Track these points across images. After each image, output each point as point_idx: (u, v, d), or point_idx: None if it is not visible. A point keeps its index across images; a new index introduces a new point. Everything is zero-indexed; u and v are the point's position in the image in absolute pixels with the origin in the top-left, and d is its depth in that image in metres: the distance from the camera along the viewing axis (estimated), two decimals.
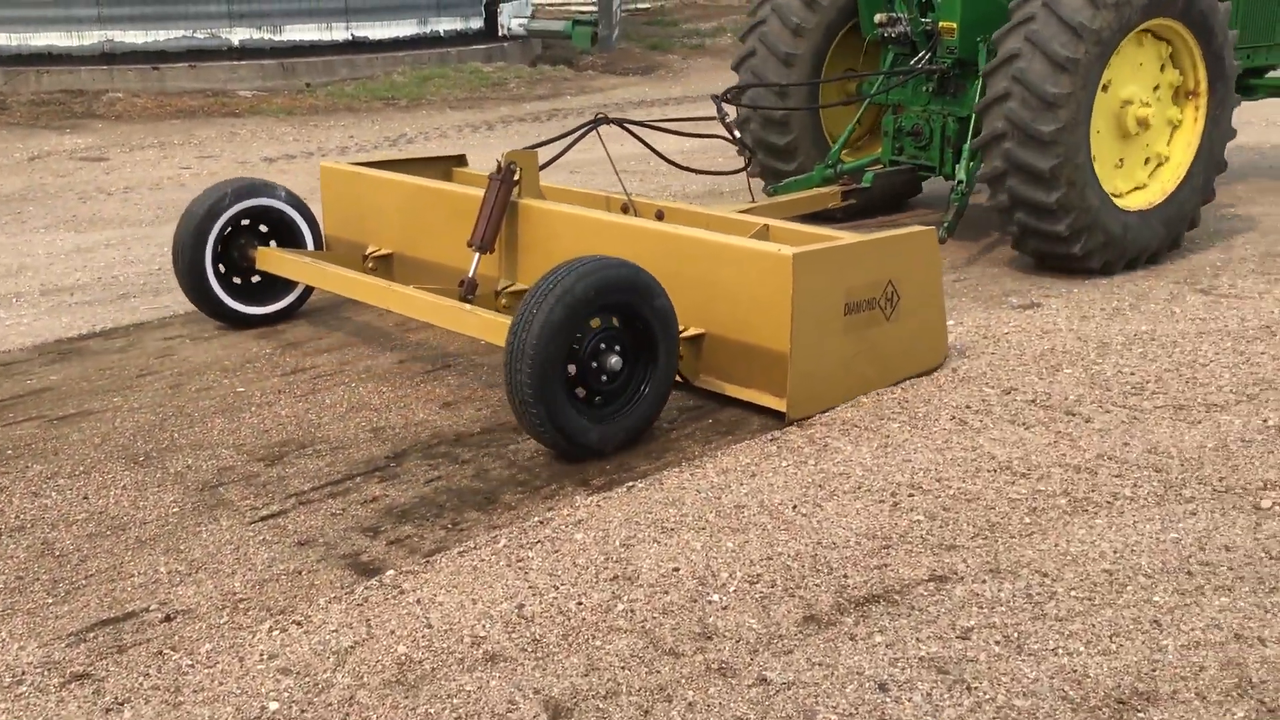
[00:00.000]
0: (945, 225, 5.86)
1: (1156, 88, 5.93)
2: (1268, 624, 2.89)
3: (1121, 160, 5.92)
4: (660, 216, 5.04)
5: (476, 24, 14.25)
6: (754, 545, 3.33)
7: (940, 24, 6.15)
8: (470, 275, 4.65)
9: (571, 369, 3.92)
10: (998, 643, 2.85)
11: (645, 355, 4.05)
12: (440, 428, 4.24)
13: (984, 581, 3.12)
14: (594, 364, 3.95)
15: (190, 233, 5.11)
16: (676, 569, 3.22)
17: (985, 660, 2.79)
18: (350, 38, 13.21)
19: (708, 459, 3.91)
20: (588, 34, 13.98)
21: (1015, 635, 2.87)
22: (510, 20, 14.39)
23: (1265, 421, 4.05)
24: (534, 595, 3.10)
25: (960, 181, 6.03)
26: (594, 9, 14.54)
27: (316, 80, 12.70)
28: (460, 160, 6.14)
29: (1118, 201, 5.83)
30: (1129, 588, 3.07)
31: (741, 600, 3.06)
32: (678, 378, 4.24)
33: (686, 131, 5.75)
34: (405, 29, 13.54)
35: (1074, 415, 4.16)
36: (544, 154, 5.09)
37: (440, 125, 10.98)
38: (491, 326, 4.24)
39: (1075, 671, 2.73)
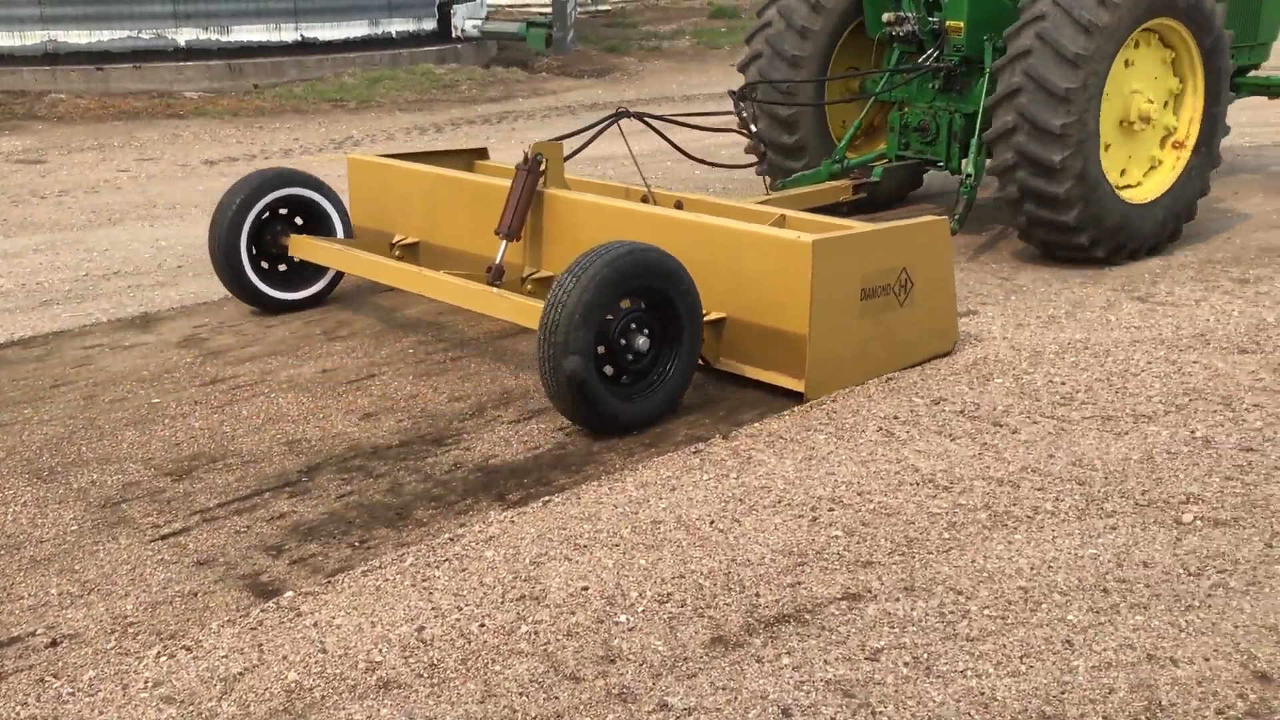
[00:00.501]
0: (955, 218, 5.98)
1: (1157, 85, 6.16)
2: (1181, 644, 2.83)
3: (1126, 154, 6.14)
4: (679, 207, 5.18)
5: (430, 25, 14.12)
6: (667, 563, 3.26)
7: (947, 23, 6.34)
8: (498, 262, 4.86)
9: (601, 349, 4.07)
10: (906, 664, 2.78)
11: (671, 337, 4.21)
12: (358, 440, 4.14)
13: (897, 600, 3.05)
14: (623, 344, 4.11)
15: (226, 220, 5.24)
16: (585, 588, 3.13)
17: (893, 683, 2.72)
18: (300, 39, 13.05)
19: (628, 472, 3.83)
20: (542, 36, 13.88)
21: (925, 656, 2.81)
22: (464, 22, 14.27)
23: (1193, 433, 4.01)
24: (436, 617, 3.00)
25: (969, 175, 6.17)
26: (549, 11, 14.44)
27: (264, 81, 12.54)
28: (482, 153, 6.40)
29: (1122, 194, 6.04)
30: (1043, 606, 3.01)
31: (649, 621, 2.98)
32: (700, 360, 4.38)
33: (704, 126, 5.98)
34: (356, 30, 13.39)
35: (1001, 426, 4.11)
36: (566, 146, 5.23)
37: (388, 128, 10.85)
38: (523, 310, 4.42)
39: (983, 694, 2.67)
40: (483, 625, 2.97)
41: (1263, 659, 2.76)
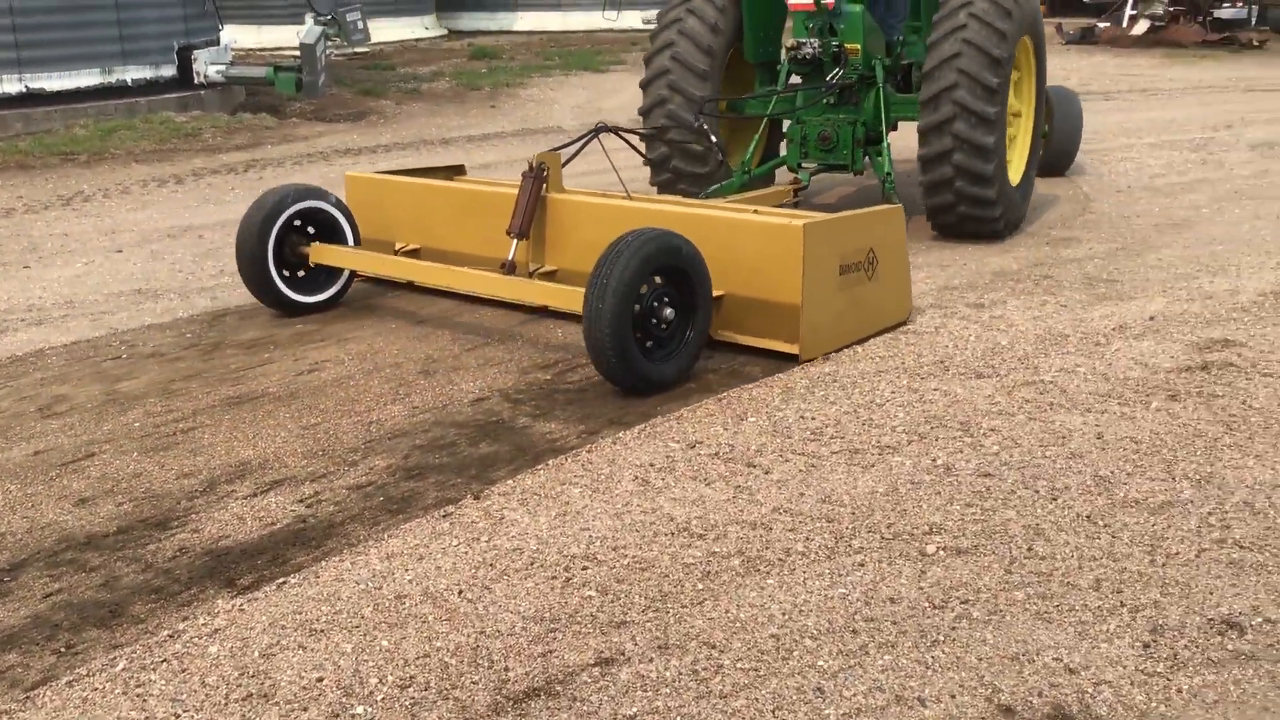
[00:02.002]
0: None
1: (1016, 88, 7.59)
2: (929, 681, 2.83)
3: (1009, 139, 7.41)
4: None
5: (169, 72, 13.43)
6: (411, 642, 3.06)
7: (846, 45, 7.40)
8: (510, 258, 5.54)
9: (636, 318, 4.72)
10: None
11: (688, 310, 4.89)
12: (70, 530, 3.77)
13: (651, 660, 2.96)
14: (653, 316, 4.77)
15: (254, 232, 5.75)
16: (320, 679, 2.90)
17: None
18: (24, 90, 12.18)
19: (373, 544, 3.61)
20: (292, 80, 13.41)
21: None
22: (207, 67, 13.64)
23: (934, 461, 4.10)
24: None
25: (888, 174, 7.25)
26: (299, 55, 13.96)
27: None
28: (460, 170, 7.13)
29: (1011, 176, 7.37)
30: (795, 653, 2.97)
31: (389, 710, 2.78)
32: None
33: (674, 140, 7.42)
34: (87, 79, 12.60)
35: (754, 467, 4.10)
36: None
37: (123, 180, 10.23)
38: (563, 294, 5.17)
39: None
40: None
41: (1006, 691, 2.79)
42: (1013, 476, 3.96)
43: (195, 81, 13.58)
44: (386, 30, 22.95)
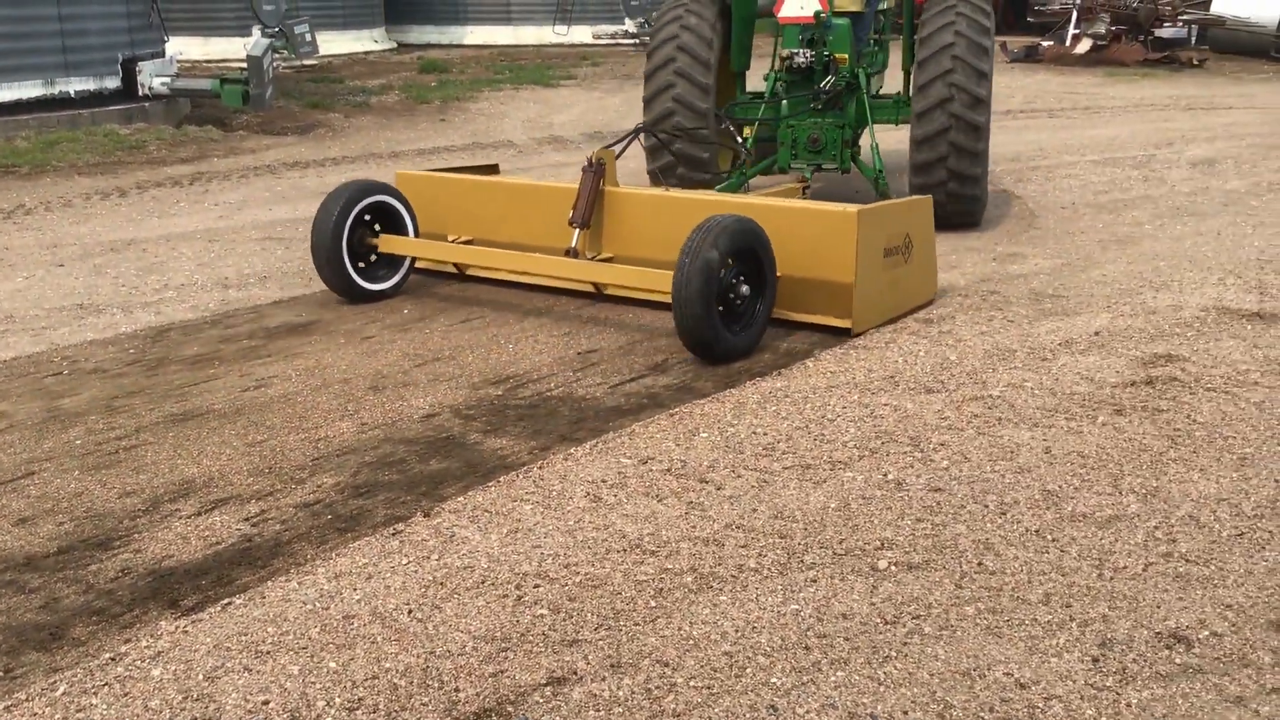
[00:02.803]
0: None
1: None
2: (881, 698, 2.84)
3: None
4: None
5: (113, 84, 13.24)
6: (359, 663, 3.02)
7: (836, 55, 8.12)
8: (573, 245, 6.11)
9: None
10: None
11: (759, 285, 5.47)
12: (9, 551, 3.68)
13: (604, 680, 2.93)
14: (731, 292, 5.32)
15: (330, 225, 6.23)
16: (266, 701, 2.85)
17: None
18: None
19: (320, 563, 3.56)
20: (238, 93, 13.27)
21: None
22: (152, 79, 13.46)
23: (885, 476, 4.11)
24: None
25: (880, 171, 8.00)
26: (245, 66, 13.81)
27: None
28: (494, 169, 7.65)
29: None
30: (748, 670, 2.96)
31: None
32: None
33: (708, 139, 8.18)
34: (28, 90, 12.38)
35: (706, 483, 4.09)
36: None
37: (65, 193, 10.06)
38: (648, 276, 5.66)
39: None
40: None
41: (958, 707, 2.80)
42: (962, 491, 3.98)
43: (140, 93, 13.40)
44: (335, 43, 22.80)
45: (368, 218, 6.43)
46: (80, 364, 5.57)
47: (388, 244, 6.48)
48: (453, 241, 6.82)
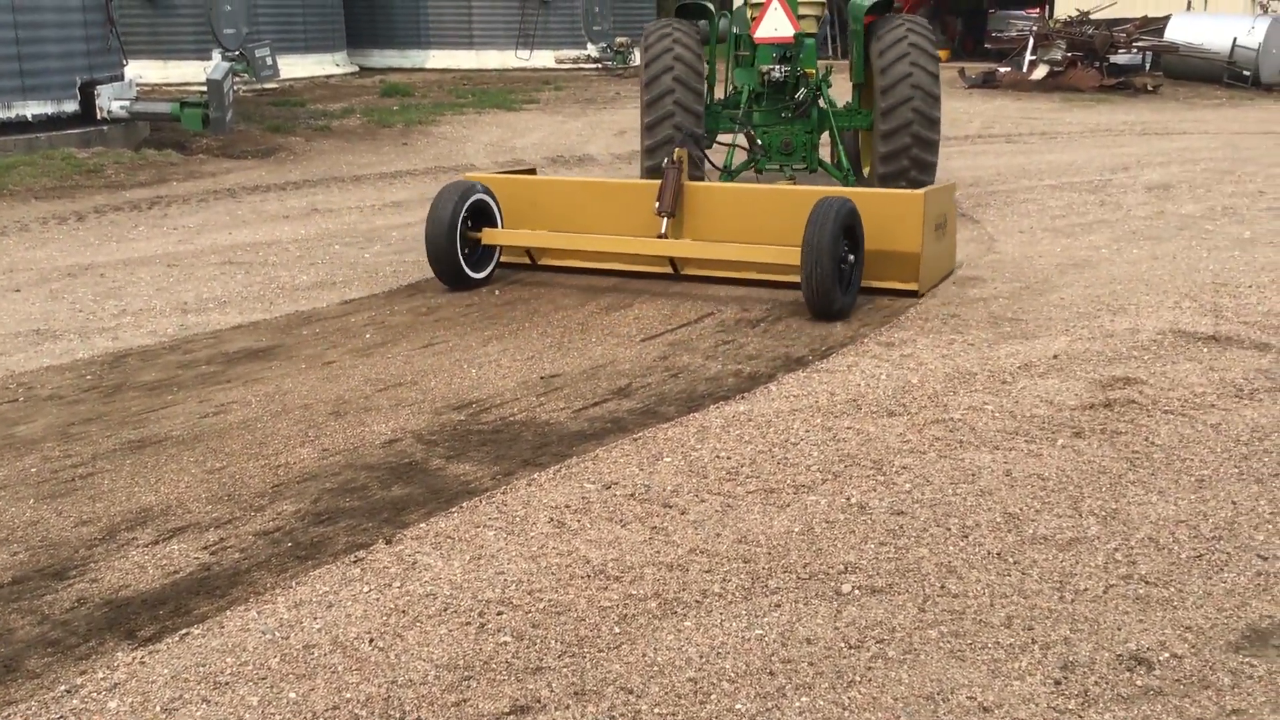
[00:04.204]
0: None
1: None
2: None
3: None
4: (793, 181, 8.96)
5: (71, 107, 13.11)
6: (320, 693, 2.98)
7: (806, 70, 9.51)
8: (663, 231, 7.20)
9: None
10: None
11: (857, 255, 6.62)
12: None
13: (568, 707, 2.91)
14: (842, 262, 6.41)
15: (445, 222, 7.10)
16: None
17: None
18: None
19: (280, 591, 3.52)
20: (198, 116, 13.18)
21: None
22: (110, 103, 13.35)
23: (849, 500, 4.13)
24: None
25: (848, 170, 9.51)
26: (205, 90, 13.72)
27: None
28: (532, 171, 8.79)
29: None
30: (713, 697, 2.95)
31: None
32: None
33: (739, 145, 9.80)
34: None
35: (670, 508, 4.08)
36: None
37: (22, 218, 9.94)
38: (783, 252, 6.65)
39: None
40: None
41: None
42: (925, 514, 4.00)
43: (98, 117, 13.28)
44: (296, 67, 22.73)
45: (465, 213, 7.25)
46: (36, 390, 5.49)
47: (492, 236, 7.39)
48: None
